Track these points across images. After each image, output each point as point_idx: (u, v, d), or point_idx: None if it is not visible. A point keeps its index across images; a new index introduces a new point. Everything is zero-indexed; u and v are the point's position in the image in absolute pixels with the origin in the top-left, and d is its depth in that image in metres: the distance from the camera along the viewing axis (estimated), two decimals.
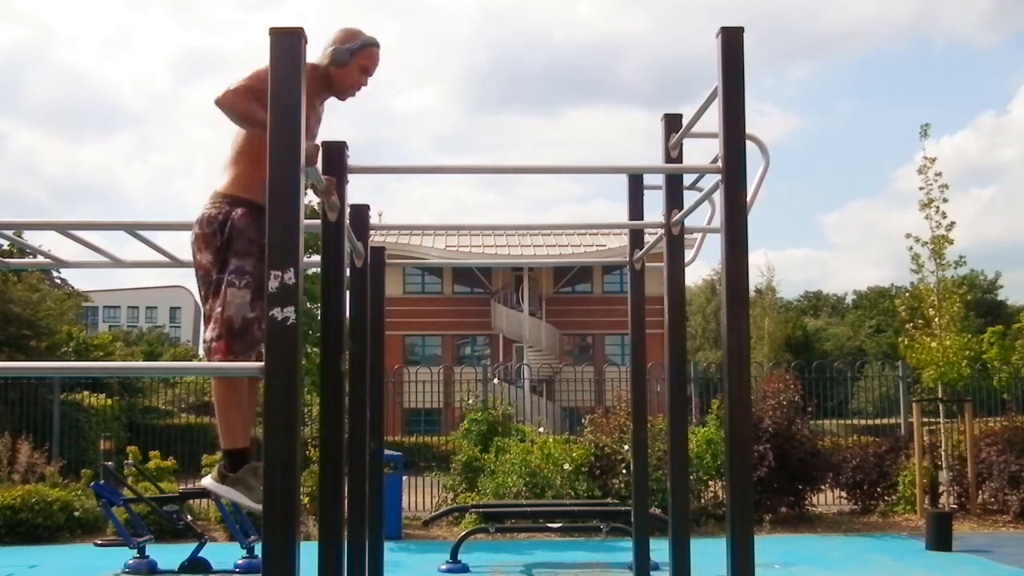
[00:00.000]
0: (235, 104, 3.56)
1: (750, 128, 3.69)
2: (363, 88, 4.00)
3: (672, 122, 4.80)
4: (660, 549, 5.00)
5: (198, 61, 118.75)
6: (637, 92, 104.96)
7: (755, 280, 45.01)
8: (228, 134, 3.92)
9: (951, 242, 12.31)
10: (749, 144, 3.76)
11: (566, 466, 12.36)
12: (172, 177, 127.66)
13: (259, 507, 3.69)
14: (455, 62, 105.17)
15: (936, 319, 12.51)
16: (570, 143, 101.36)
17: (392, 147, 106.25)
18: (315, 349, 9.86)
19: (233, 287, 3.64)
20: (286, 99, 2.91)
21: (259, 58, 3.54)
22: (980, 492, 12.96)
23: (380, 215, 23.02)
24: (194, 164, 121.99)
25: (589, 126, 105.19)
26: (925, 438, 12.81)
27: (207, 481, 3.85)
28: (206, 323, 3.72)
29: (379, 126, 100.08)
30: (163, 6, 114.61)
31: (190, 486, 12.52)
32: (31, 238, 6.08)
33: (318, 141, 3.95)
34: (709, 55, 3.68)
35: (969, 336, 13.59)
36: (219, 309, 3.64)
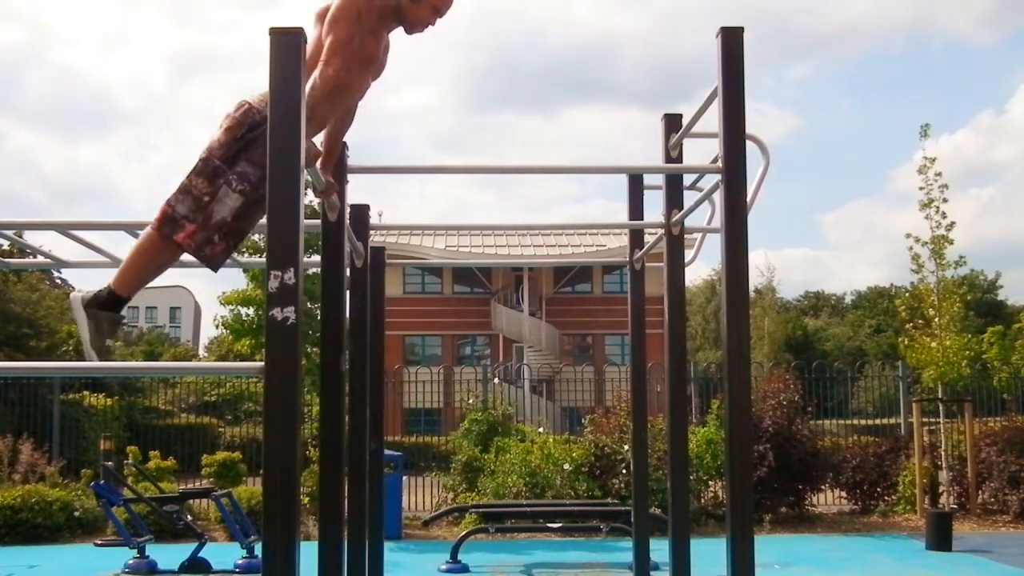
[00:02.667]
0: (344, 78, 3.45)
1: (749, 128, 3.69)
2: (431, 27, 3.88)
3: (672, 122, 4.80)
4: (660, 549, 5.00)
5: (195, 61, 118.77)
6: (634, 91, 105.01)
7: (755, 280, 45.01)
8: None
9: (951, 242, 12.32)
10: (749, 144, 3.76)
11: (566, 466, 12.36)
12: (170, 177, 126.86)
13: (93, 352, 3.61)
14: (452, 61, 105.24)
15: (936, 319, 12.51)
16: (567, 142, 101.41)
17: (389, 146, 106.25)
18: (315, 349, 9.86)
19: (229, 187, 3.54)
20: (286, 99, 2.91)
21: (256, 58, 3.54)
22: (980, 492, 12.96)
23: (380, 215, 23.04)
24: (191, 163, 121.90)
25: (586, 125, 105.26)
26: (925, 438, 12.81)
27: (74, 295, 3.71)
28: (181, 195, 3.57)
29: (376, 125, 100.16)
30: (160, 5, 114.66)
31: (190, 486, 12.54)
32: (31, 238, 6.07)
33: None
34: (706, 54, 3.68)
35: (969, 336, 13.61)
36: (206, 197, 3.53)
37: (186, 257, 4.68)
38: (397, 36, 3.89)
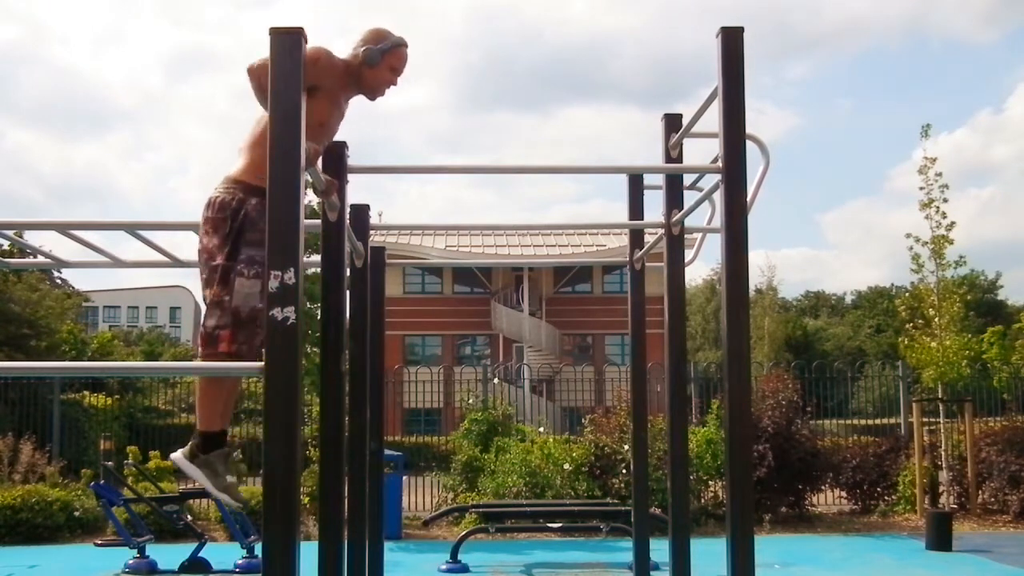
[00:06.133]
0: (263, 76, 3.49)
1: (749, 128, 3.69)
2: (392, 88, 3.99)
3: (672, 122, 4.80)
4: (660, 549, 5.00)
5: (191, 59, 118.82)
6: (630, 89, 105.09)
7: (755, 280, 45.03)
8: (224, 132, 3.90)
9: (951, 242, 12.32)
10: (749, 144, 3.76)
11: (566, 466, 12.36)
12: (168, 176, 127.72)
13: (221, 495, 3.69)
14: (448, 60, 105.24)
15: (936, 319, 12.51)
16: (564, 141, 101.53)
17: (386, 145, 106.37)
18: (315, 349, 9.86)
19: (243, 276, 3.58)
20: (286, 99, 2.91)
21: (253, 56, 3.54)
22: (980, 492, 12.96)
23: (380, 215, 23.03)
24: (189, 162, 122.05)
25: (582, 124, 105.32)
26: (925, 438, 12.81)
27: (176, 455, 3.78)
28: (208, 310, 3.64)
29: (372, 124, 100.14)
30: (155, 4, 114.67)
31: (190, 486, 12.53)
32: (31, 238, 6.08)
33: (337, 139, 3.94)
34: (703, 52, 3.71)
35: (969, 336, 13.60)
36: (227, 298, 3.59)
37: (186, 257, 4.67)
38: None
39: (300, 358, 2.89)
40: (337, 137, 4.07)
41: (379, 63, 3.85)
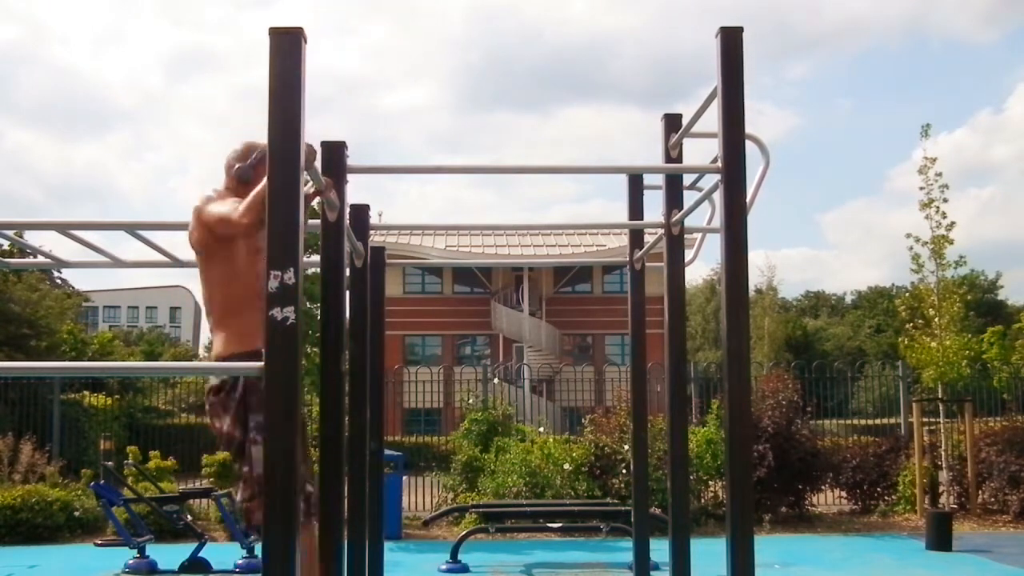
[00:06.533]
0: (257, 209, 3.56)
1: (749, 128, 3.69)
2: None
3: (672, 122, 4.80)
4: (660, 549, 5.00)
5: (191, 59, 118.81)
6: (630, 89, 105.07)
7: (755, 280, 45.03)
8: (224, 132, 3.94)
9: (951, 242, 12.31)
10: (749, 144, 3.76)
11: (566, 466, 12.35)
12: (168, 176, 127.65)
13: None
14: (447, 60, 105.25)
15: (936, 319, 12.50)
16: (564, 141, 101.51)
17: (385, 145, 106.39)
18: (315, 349, 9.85)
19: (256, 444, 3.73)
20: (286, 99, 2.91)
21: (252, 55, 3.56)
22: (980, 492, 12.96)
23: (380, 215, 23.03)
24: (189, 162, 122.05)
25: (582, 124, 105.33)
26: (925, 438, 12.80)
27: None
28: (239, 485, 3.81)
29: (372, 124, 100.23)
30: (155, 3, 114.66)
31: (190, 486, 12.53)
32: (31, 238, 6.08)
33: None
34: (703, 52, 3.70)
35: (969, 336, 13.59)
36: (246, 469, 3.70)
37: (186, 257, 4.67)
38: (391, 31, 3.93)
39: (300, 358, 2.89)
40: (336, 137, 4.08)
41: (253, 177, 3.96)
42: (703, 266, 65.89)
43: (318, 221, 4.02)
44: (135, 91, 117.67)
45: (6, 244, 18.35)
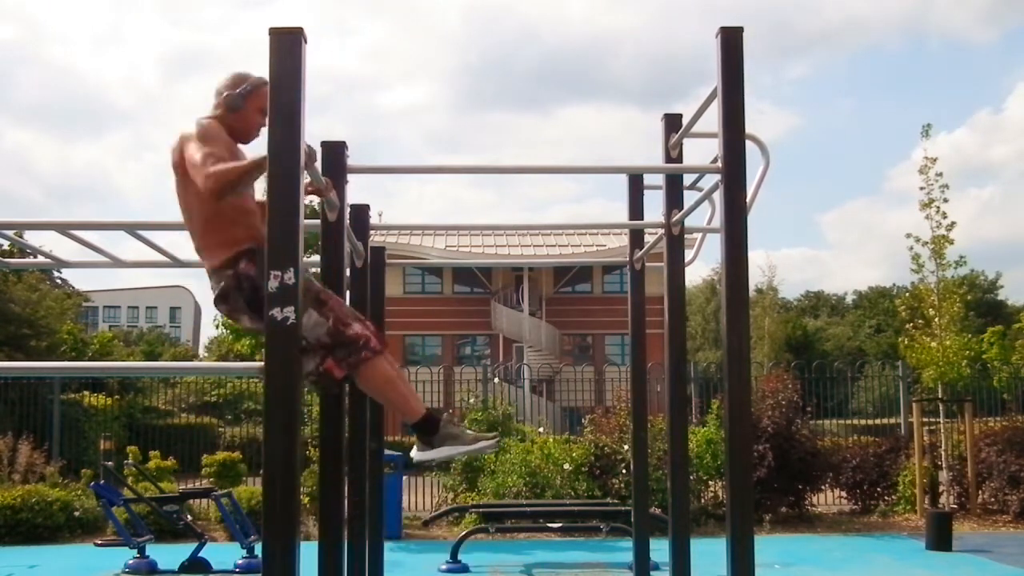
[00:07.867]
0: (225, 183, 3.49)
1: (748, 127, 3.69)
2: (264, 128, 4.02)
3: (672, 122, 4.80)
4: (660, 549, 5.00)
5: (190, 59, 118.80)
6: (630, 89, 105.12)
7: (755, 280, 45.01)
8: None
9: (951, 242, 12.31)
10: (749, 144, 3.76)
11: (566, 466, 12.35)
12: (167, 175, 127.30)
13: (478, 445, 3.83)
14: (446, 59, 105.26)
15: (936, 319, 12.50)
16: (564, 141, 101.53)
17: (384, 145, 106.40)
18: None
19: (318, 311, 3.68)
20: (286, 99, 2.91)
21: (251, 55, 3.57)
22: (980, 492, 12.96)
23: (380, 215, 23.02)
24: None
25: (582, 124, 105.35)
26: (925, 438, 12.80)
27: (417, 456, 3.87)
28: (330, 335, 3.71)
29: (372, 124, 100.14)
30: (154, 3, 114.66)
31: (190, 486, 12.54)
32: (31, 238, 6.09)
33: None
34: (703, 52, 3.71)
35: (969, 336, 13.60)
36: (303, 343, 3.67)
37: (186, 257, 4.67)
38: (390, 31, 3.92)
39: (300, 358, 2.89)
40: (336, 137, 4.08)
41: (243, 107, 3.86)
42: (703, 266, 65.88)
43: (318, 221, 4.02)
44: (134, 91, 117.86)
45: (6, 244, 18.36)
